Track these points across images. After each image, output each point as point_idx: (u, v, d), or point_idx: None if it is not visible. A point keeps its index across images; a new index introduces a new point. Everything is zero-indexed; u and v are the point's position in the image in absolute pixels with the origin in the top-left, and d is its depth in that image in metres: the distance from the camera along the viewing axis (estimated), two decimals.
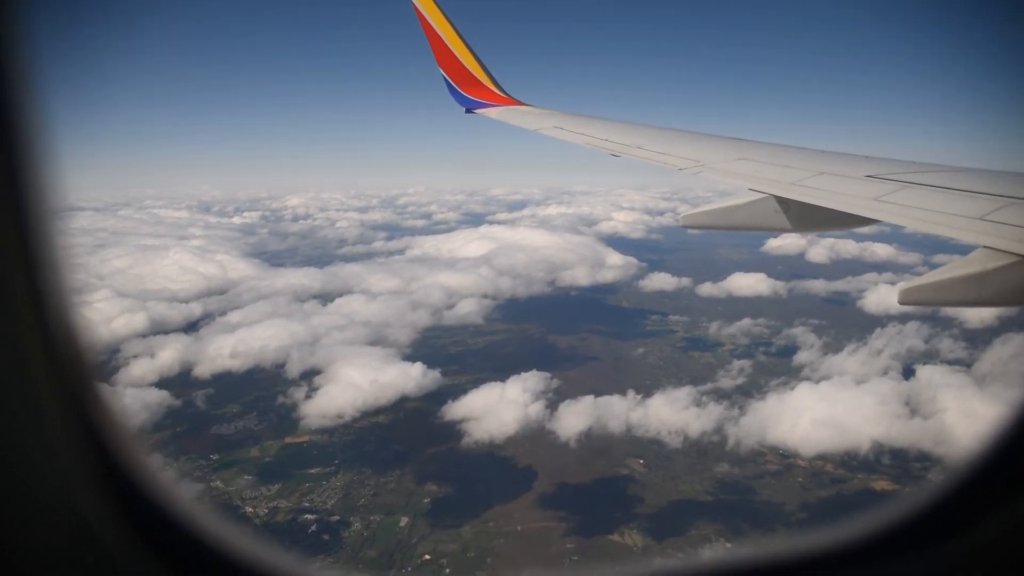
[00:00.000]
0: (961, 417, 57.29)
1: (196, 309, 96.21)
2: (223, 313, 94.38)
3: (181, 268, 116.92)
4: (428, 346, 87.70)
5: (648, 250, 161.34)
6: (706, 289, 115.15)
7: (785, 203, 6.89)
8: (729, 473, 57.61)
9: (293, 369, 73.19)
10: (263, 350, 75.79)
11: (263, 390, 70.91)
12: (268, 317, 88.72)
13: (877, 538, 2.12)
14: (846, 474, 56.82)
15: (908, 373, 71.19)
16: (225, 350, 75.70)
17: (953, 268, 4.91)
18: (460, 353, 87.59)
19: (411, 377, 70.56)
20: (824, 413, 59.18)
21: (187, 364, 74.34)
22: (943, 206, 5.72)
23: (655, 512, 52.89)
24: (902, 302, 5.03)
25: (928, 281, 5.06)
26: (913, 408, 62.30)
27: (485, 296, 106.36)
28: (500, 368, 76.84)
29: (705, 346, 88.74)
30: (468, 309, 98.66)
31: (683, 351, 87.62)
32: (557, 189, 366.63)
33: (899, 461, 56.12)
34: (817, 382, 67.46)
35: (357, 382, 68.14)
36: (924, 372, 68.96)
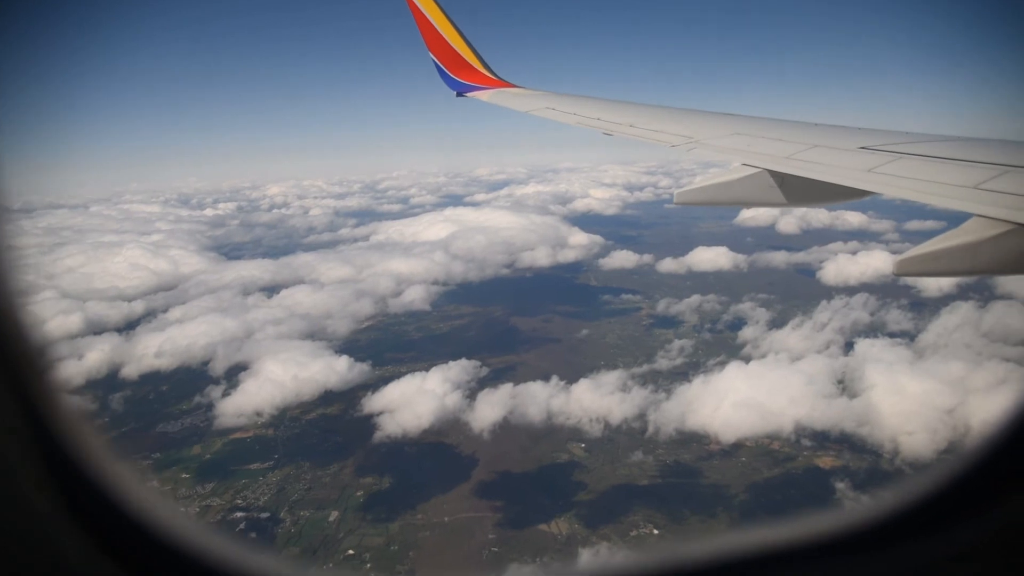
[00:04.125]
0: (887, 395, 55.40)
1: (138, 307, 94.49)
2: (165, 310, 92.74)
3: (132, 265, 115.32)
4: (372, 335, 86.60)
5: (625, 225, 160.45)
6: (667, 265, 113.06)
7: (779, 177, 6.79)
8: (672, 455, 56.15)
9: (218, 366, 71.58)
10: (190, 348, 74.12)
11: (189, 389, 69.44)
12: (208, 312, 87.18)
13: (866, 530, 2.09)
14: (792, 451, 55.25)
15: (851, 347, 69.33)
16: (152, 349, 73.93)
17: (947, 238, 4.84)
18: (421, 340, 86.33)
19: (336, 371, 68.90)
20: (748, 395, 57.33)
21: (116, 365, 72.71)
22: (937, 176, 5.68)
23: (595, 498, 51.74)
24: (897, 273, 4.97)
25: (922, 252, 4.94)
26: (846, 385, 60.41)
27: (435, 282, 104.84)
28: (458, 353, 75.45)
29: (670, 323, 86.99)
30: (414, 296, 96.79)
31: (647, 329, 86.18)
32: (542, 167, 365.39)
33: (821, 441, 54.38)
34: (747, 362, 65.50)
35: (279, 378, 66.53)
36: (862, 346, 66.94)
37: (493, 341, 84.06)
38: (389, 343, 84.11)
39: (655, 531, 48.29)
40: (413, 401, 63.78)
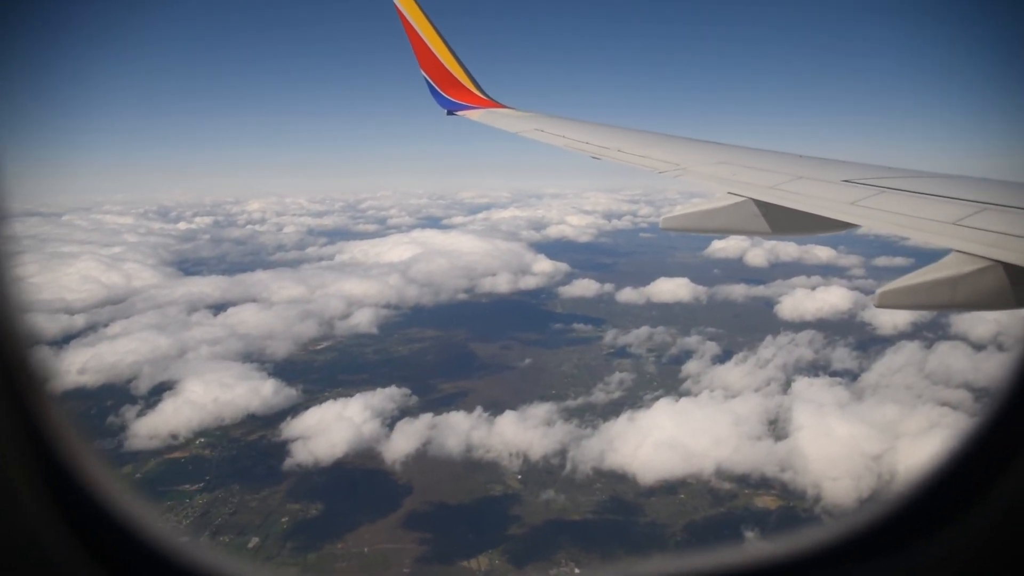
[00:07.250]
0: (815, 438, 53.88)
1: (79, 321, 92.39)
2: (107, 324, 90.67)
3: (83, 277, 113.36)
4: (327, 356, 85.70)
5: (598, 253, 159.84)
6: (627, 294, 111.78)
7: (764, 207, 6.83)
8: (609, 491, 54.61)
9: (142, 385, 69.58)
10: (116, 366, 72.18)
11: (110, 407, 67.39)
12: (145, 329, 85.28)
13: (842, 543, 2.13)
14: (737, 489, 53.90)
15: (791, 385, 67.95)
16: (76, 365, 71.90)
17: (927, 272, 4.90)
18: (376, 362, 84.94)
19: (260, 395, 67.23)
20: (673, 434, 55.59)
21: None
22: (918, 211, 5.77)
23: (526, 533, 50.55)
24: (879, 305, 4.99)
25: (903, 284, 4.95)
26: (778, 426, 58.88)
27: (387, 305, 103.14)
28: (412, 377, 75.12)
29: (627, 354, 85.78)
30: (361, 319, 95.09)
31: (607, 359, 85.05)
32: (527, 192, 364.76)
33: (742, 485, 52.79)
34: (679, 399, 63.79)
35: (200, 400, 64.73)
36: (800, 386, 65.47)
37: (450, 366, 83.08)
38: (344, 365, 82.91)
39: (576, 570, 46.33)
40: (348, 426, 62.76)
